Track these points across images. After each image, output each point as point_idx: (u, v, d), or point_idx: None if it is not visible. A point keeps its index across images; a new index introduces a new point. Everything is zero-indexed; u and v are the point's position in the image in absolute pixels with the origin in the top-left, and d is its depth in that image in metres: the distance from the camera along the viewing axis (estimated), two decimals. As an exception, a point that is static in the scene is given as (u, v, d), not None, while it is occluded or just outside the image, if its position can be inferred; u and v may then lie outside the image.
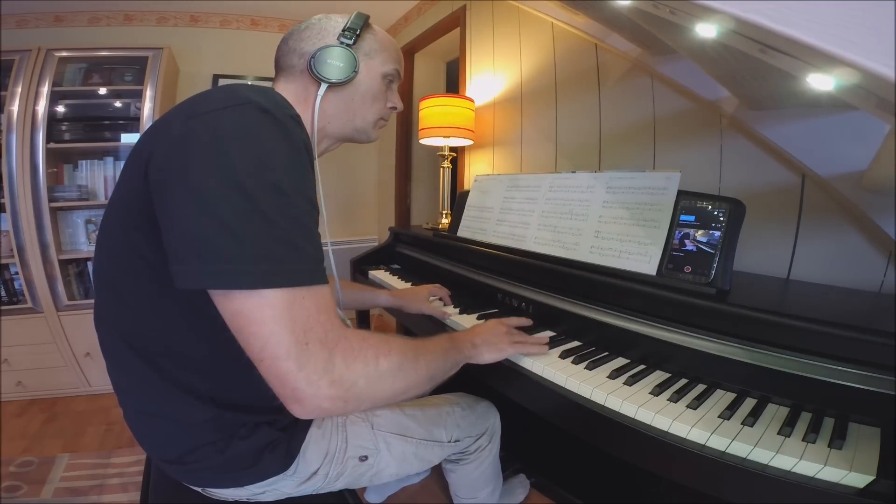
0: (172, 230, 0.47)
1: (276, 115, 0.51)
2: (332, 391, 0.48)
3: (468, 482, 0.96)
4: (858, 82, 0.42)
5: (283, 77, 0.71)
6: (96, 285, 0.62)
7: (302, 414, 0.49)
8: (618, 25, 1.17)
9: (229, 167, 0.46)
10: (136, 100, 2.07)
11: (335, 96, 0.69)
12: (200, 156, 0.47)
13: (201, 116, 0.49)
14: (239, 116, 0.49)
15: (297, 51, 0.69)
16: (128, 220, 0.55)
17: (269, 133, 0.50)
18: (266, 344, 0.46)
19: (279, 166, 0.49)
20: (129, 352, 0.59)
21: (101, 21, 2.32)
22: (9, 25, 2.16)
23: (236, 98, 0.51)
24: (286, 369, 0.46)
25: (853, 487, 0.47)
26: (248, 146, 0.48)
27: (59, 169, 2.08)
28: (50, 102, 1.89)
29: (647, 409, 0.63)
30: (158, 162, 0.49)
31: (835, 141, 0.87)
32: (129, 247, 0.55)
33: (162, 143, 0.50)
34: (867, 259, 0.86)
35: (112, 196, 0.60)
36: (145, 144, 0.53)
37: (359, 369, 0.50)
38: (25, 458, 1.54)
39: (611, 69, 1.38)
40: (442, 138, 1.80)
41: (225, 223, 0.44)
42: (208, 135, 0.47)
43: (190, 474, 0.64)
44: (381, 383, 0.53)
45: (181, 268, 0.46)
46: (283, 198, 0.48)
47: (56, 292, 1.95)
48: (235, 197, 0.45)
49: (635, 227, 0.89)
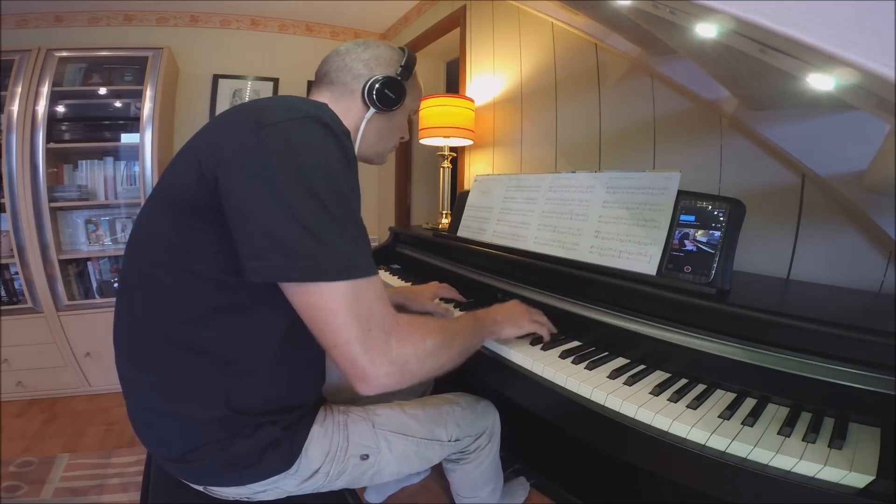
0: (253, 230, 0.52)
1: (335, 129, 0.57)
2: (390, 369, 0.56)
3: (469, 481, 0.96)
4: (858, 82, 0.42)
5: (328, 90, 0.75)
6: (126, 277, 0.65)
7: (366, 391, 0.56)
8: (618, 25, 1.17)
9: (304, 175, 0.53)
10: (136, 100, 2.07)
11: (374, 122, 0.76)
12: (279, 163, 0.52)
13: (274, 127, 0.55)
14: (306, 129, 0.56)
15: (352, 71, 0.74)
16: (178, 216, 0.58)
17: (331, 146, 0.57)
18: (339, 331, 0.53)
19: (340, 175, 0.56)
20: (151, 346, 0.60)
21: (101, 21, 2.32)
22: (9, 25, 2.16)
23: (297, 110, 0.57)
24: (355, 353, 0.54)
25: (853, 487, 0.47)
26: (318, 157, 0.55)
27: (59, 169, 2.08)
28: (50, 102, 1.89)
29: (647, 409, 0.63)
30: (233, 167, 0.54)
31: (835, 141, 0.87)
32: (174, 241, 0.58)
33: (234, 149, 0.54)
34: (867, 259, 0.86)
35: (153, 193, 0.64)
36: (204, 148, 0.57)
37: (409, 350, 0.58)
38: (25, 458, 1.54)
39: (611, 69, 1.38)
40: (442, 138, 1.80)
41: (305, 225, 0.52)
42: (286, 144, 0.54)
43: (192, 473, 0.65)
44: (428, 360, 0.61)
45: (262, 263, 0.52)
46: (345, 203, 0.55)
47: (56, 292, 1.95)
48: (311, 200, 0.52)
49: (635, 227, 0.89)
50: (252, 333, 0.61)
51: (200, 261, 0.57)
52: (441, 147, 1.87)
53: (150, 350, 0.61)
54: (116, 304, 0.66)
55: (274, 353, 0.64)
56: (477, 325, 0.77)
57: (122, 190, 2.16)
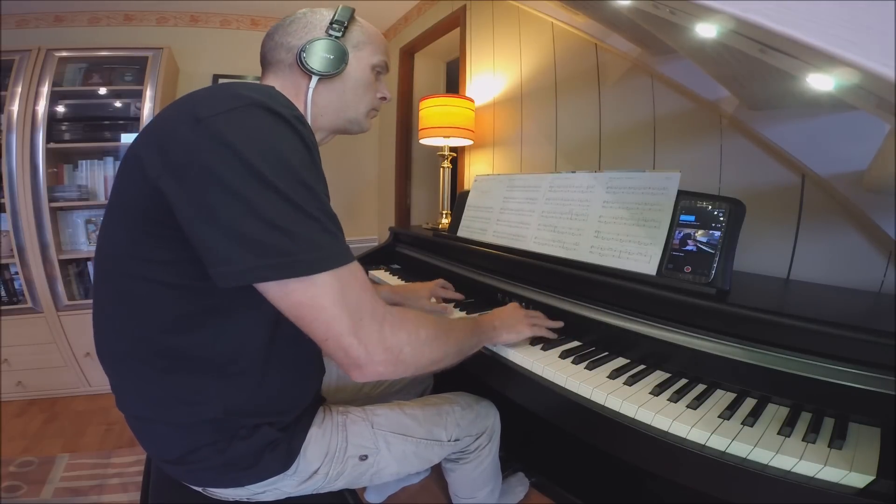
0: (209, 235, 0.48)
1: (286, 115, 0.52)
2: (386, 356, 0.55)
3: (468, 481, 0.96)
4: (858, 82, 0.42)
5: (271, 72, 0.72)
6: (98, 289, 0.62)
7: (361, 378, 0.55)
8: (618, 25, 1.17)
9: (257, 169, 0.48)
10: (136, 100, 2.07)
11: (325, 89, 0.70)
12: (223, 162, 0.47)
13: (210, 121, 0.49)
14: (249, 119, 0.50)
15: (284, 45, 0.70)
16: (134, 224, 0.54)
17: (282, 134, 0.52)
18: (329, 326, 0.51)
19: (298, 164, 0.51)
20: (135, 358, 0.59)
21: (101, 21, 2.32)
22: (9, 25, 2.16)
23: (240, 98, 0.51)
24: (349, 343, 0.52)
25: (853, 487, 0.47)
26: (268, 149, 0.49)
27: (59, 169, 2.08)
28: (50, 102, 1.89)
29: (646, 409, 0.63)
30: (174, 171, 0.49)
31: (835, 141, 0.87)
32: (134, 250, 0.55)
33: (172, 150, 0.50)
34: (867, 259, 0.86)
35: (110, 199, 0.59)
36: (143, 148, 0.53)
37: (404, 338, 0.57)
38: (25, 458, 1.54)
39: (611, 69, 1.38)
40: (442, 138, 1.80)
41: (269, 221, 0.48)
42: (225, 140, 0.48)
43: (190, 474, 0.65)
44: (423, 349, 0.60)
45: (231, 268, 0.48)
46: (309, 192, 0.51)
47: (56, 292, 1.95)
48: (271, 195, 0.48)
49: (635, 227, 0.89)
50: (236, 335, 0.60)
51: (167, 270, 0.54)
52: (441, 147, 1.86)
53: (135, 362, 0.59)
54: (94, 318, 0.63)
55: (262, 353, 0.62)
56: (474, 327, 0.77)
57: (122, 190, 2.16)
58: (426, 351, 0.61)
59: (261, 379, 0.63)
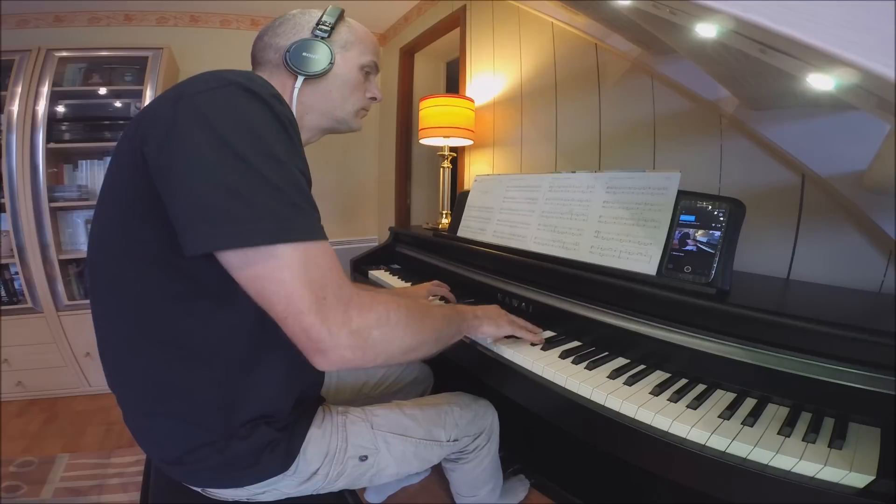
0: (178, 203, 0.49)
1: (261, 93, 0.53)
2: (351, 340, 0.52)
3: (468, 481, 0.96)
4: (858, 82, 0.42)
5: (259, 71, 0.73)
6: (92, 283, 0.62)
7: (325, 365, 0.52)
8: (618, 25, 1.17)
9: (227, 140, 0.48)
10: (136, 100, 2.07)
11: (312, 89, 0.71)
12: (197, 133, 0.49)
13: (190, 98, 0.51)
14: (227, 96, 0.52)
15: (272, 45, 0.71)
16: (126, 210, 0.55)
17: (256, 110, 0.52)
18: (289, 302, 0.49)
19: (271, 138, 0.52)
20: (131, 348, 0.59)
21: (101, 21, 2.32)
22: (9, 25, 2.16)
23: (221, 80, 0.53)
24: (310, 323, 0.49)
25: (853, 487, 0.47)
26: (240, 121, 0.50)
27: (59, 169, 2.08)
28: (50, 102, 1.89)
29: (646, 409, 0.63)
30: (155, 145, 0.50)
31: (835, 141, 0.87)
32: (129, 238, 0.55)
33: (154, 126, 0.51)
34: (867, 259, 0.86)
35: (102, 192, 0.60)
36: (135, 132, 0.54)
37: (372, 320, 0.54)
38: (25, 458, 1.54)
39: (611, 69, 1.38)
40: (442, 138, 1.80)
41: (231, 189, 0.47)
42: (200, 113, 0.50)
43: (190, 474, 0.64)
44: (394, 334, 0.57)
45: (191, 235, 0.48)
46: (279, 165, 0.51)
47: (56, 292, 1.95)
48: (238, 164, 0.48)
49: (635, 227, 0.88)
50: (226, 322, 0.59)
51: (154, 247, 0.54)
52: (441, 147, 1.86)
53: (131, 352, 0.59)
54: (92, 314, 0.63)
55: (255, 343, 0.62)
56: (454, 315, 0.73)
57: (122, 190, 2.16)
58: (398, 335, 0.57)
59: (256, 371, 0.63)
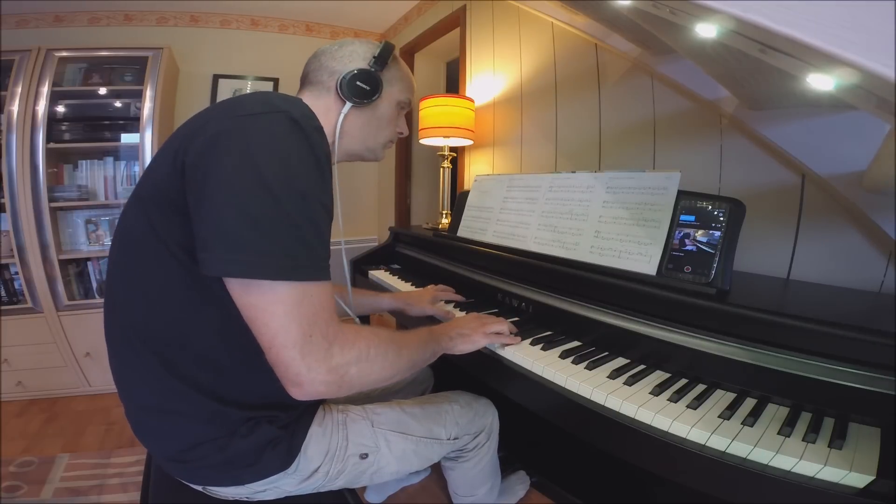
0: (203, 220, 0.52)
1: (304, 125, 0.56)
2: (328, 377, 0.54)
3: (466, 479, 0.96)
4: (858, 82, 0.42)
5: (308, 90, 0.75)
6: (111, 275, 0.64)
7: (300, 396, 0.54)
8: (618, 25, 1.17)
9: (259, 169, 0.51)
10: (136, 100, 2.07)
11: (355, 116, 0.75)
12: (233, 155, 0.51)
13: (237, 119, 0.54)
14: (270, 124, 0.54)
15: (328, 68, 0.74)
16: (156, 210, 0.57)
17: (296, 142, 0.55)
18: (276, 335, 0.51)
19: (302, 173, 0.54)
20: (137, 343, 0.60)
21: (101, 21, 2.32)
22: (9, 25, 2.16)
23: (270, 105, 0.56)
24: (291, 357, 0.51)
25: (853, 487, 0.47)
26: (277, 152, 0.53)
27: (59, 169, 2.08)
28: (50, 102, 1.89)
29: (646, 409, 0.63)
30: (193, 158, 0.53)
31: (835, 141, 0.87)
32: (153, 236, 0.58)
33: (197, 139, 0.54)
34: (867, 259, 0.86)
35: (137, 189, 0.63)
36: (180, 141, 0.57)
37: (352, 357, 0.57)
38: (25, 458, 1.54)
39: (611, 69, 1.38)
40: (442, 138, 1.80)
41: (252, 218, 0.50)
42: (241, 136, 0.53)
43: (191, 472, 0.65)
44: (370, 370, 0.59)
45: (207, 255, 0.51)
46: (303, 201, 0.53)
47: (56, 292, 1.95)
48: (263, 194, 0.50)
49: (635, 227, 0.89)
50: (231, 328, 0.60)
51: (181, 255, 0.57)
52: (441, 147, 1.86)
53: (137, 347, 0.60)
54: (105, 304, 0.65)
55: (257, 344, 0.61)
56: (430, 339, 0.75)
57: (122, 190, 2.16)
58: (375, 369, 0.60)
59: (258, 372, 0.63)
